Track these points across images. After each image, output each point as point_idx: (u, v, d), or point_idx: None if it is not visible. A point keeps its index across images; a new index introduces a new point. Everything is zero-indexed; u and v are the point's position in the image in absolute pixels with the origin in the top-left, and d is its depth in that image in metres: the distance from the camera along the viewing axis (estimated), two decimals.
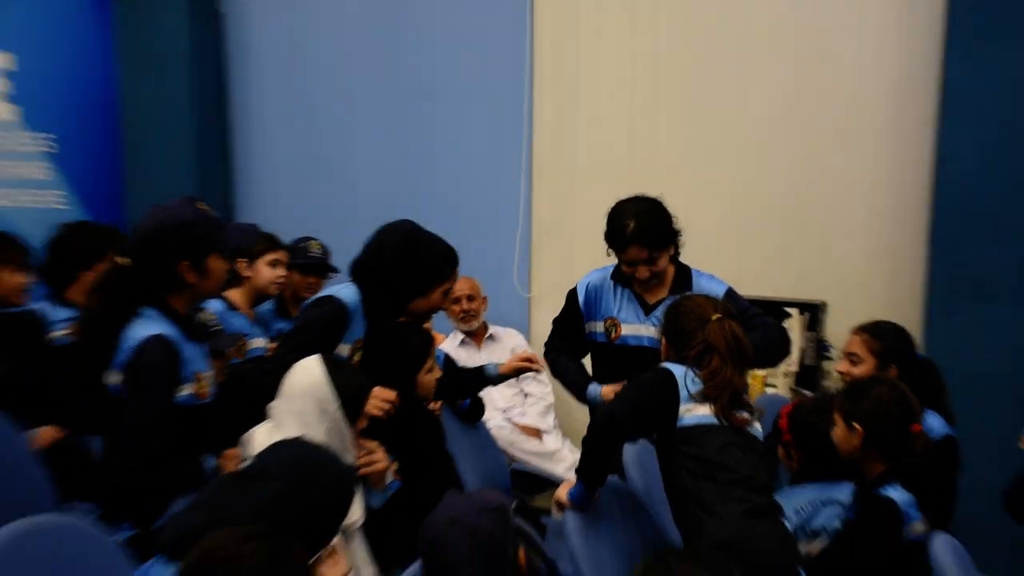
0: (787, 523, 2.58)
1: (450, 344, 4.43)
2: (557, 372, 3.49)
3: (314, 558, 2.05)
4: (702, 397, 2.52)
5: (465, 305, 4.38)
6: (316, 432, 2.61)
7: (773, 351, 3.18)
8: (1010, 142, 3.87)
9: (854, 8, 4.33)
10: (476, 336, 4.47)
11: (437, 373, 3.24)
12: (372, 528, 2.80)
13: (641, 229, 3.17)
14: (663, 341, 2.78)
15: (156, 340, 2.60)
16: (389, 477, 3.00)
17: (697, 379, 2.53)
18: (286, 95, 5.49)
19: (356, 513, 2.65)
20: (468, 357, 4.34)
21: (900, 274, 4.32)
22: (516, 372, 3.52)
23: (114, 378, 2.66)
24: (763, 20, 4.45)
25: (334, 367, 2.71)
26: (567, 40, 4.86)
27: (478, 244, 4.63)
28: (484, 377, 3.54)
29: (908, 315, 4.00)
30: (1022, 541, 3.55)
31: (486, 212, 5.10)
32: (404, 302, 3.14)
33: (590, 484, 2.61)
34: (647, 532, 2.89)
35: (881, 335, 3.18)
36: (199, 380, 2.77)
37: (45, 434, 3.21)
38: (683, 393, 2.51)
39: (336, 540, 2.20)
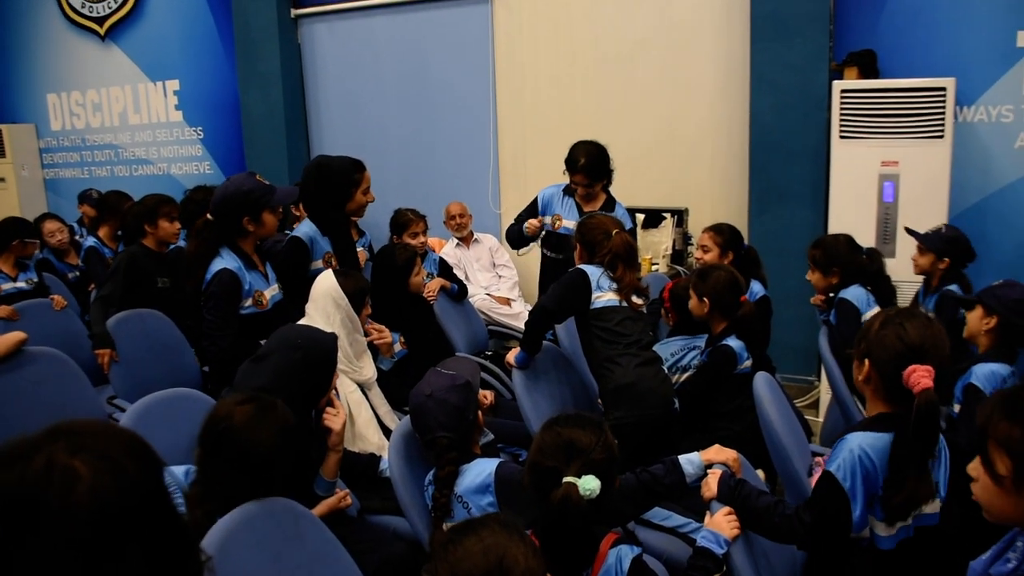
0: (664, 367, 3.11)
1: (449, 246, 5.67)
2: (512, 233, 4.21)
3: (323, 400, 2.41)
4: (612, 291, 2.99)
5: (458, 220, 5.61)
6: (334, 320, 3.03)
7: None
8: (791, 100, 4.80)
9: (694, 18, 5.27)
10: (465, 240, 5.69)
11: (423, 275, 3.80)
12: (386, 381, 3.25)
13: (587, 165, 3.88)
14: (577, 247, 3.21)
15: (222, 272, 3.06)
16: (397, 347, 3.50)
17: (609, 279, 3.02)
18: (341, 97, 6.68)
19: (369, 372, 3.14)
20: (461, 254, 5.64)
21: (732, 189, 5.26)
22: None
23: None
24: (638, 32, 5.47)
25: (341, 275, 3.10)
26: (517, 44, 5.90)
27: (466, 180, 6.05)
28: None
29: (738, 215, 5.04)
30: (810, 352, 4.82)
31: (471, 160, 6.21)
32: (339, 210, 3.54)
33: (530, 352, 3.07)
34: (572, 380, 3.35)
35: (721, 232, 3.85)
36: (258, 296, 3.18)
37: None
38: (594, 285, 2.99)
39: (335, 395, 2.51)
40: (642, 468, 2.07)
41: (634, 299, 3.04)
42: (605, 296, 2.99)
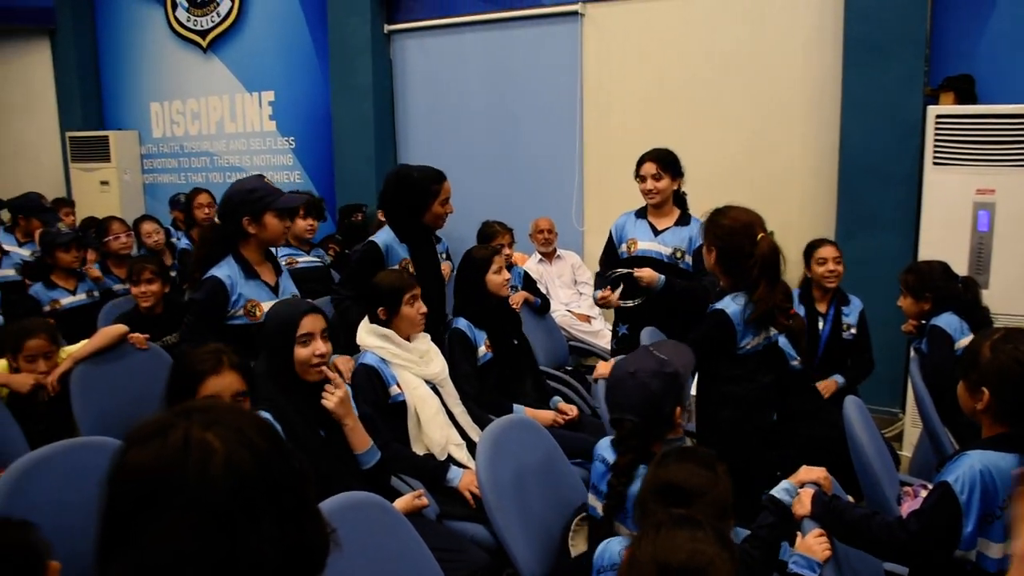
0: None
1: (532, 261, 5.67)
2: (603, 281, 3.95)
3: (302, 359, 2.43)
4: (754, 325, 2.64)
5: (546, 235, 5.68)
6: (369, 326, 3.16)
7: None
8: (883, 124, 4.72)
9: (785, 39, 5.19)
10: (548, 256, 5.71)
11: (505, 275, 3.61)
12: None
13: (654, 152, 3.83)
14: (713, 253, 2.70)
15: (209, 279, 3.00)
16: (482, 350, 3.52)
17: (750, 305, 2.60)
18: (429, 111, 6.82)
19: (436, 367, 3.16)
20: (543, 269, 5.68)
21: (819, 212, 5.16)
22: None
23: None
24: (728, 52, 5.41)
25: (386, 272, 3.25)
26: (605, 63, 5.94)
27: (550, 197, 6.06)
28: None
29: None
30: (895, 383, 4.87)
31: (555, 177, 6.24)
32: (416, 221, 3.55)
33: None
34: None
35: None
36: (251, 307, 3.04)
37: None
38: (739, 329, 2.63)
39: (334, 373, 2.53)
40: (757, 525, 2.01)
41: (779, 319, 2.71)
42: (753, 342, 2.68)
